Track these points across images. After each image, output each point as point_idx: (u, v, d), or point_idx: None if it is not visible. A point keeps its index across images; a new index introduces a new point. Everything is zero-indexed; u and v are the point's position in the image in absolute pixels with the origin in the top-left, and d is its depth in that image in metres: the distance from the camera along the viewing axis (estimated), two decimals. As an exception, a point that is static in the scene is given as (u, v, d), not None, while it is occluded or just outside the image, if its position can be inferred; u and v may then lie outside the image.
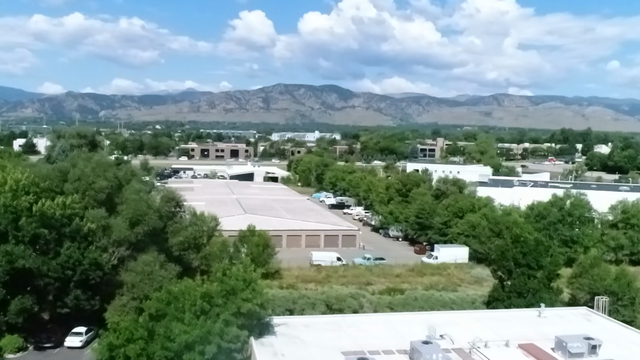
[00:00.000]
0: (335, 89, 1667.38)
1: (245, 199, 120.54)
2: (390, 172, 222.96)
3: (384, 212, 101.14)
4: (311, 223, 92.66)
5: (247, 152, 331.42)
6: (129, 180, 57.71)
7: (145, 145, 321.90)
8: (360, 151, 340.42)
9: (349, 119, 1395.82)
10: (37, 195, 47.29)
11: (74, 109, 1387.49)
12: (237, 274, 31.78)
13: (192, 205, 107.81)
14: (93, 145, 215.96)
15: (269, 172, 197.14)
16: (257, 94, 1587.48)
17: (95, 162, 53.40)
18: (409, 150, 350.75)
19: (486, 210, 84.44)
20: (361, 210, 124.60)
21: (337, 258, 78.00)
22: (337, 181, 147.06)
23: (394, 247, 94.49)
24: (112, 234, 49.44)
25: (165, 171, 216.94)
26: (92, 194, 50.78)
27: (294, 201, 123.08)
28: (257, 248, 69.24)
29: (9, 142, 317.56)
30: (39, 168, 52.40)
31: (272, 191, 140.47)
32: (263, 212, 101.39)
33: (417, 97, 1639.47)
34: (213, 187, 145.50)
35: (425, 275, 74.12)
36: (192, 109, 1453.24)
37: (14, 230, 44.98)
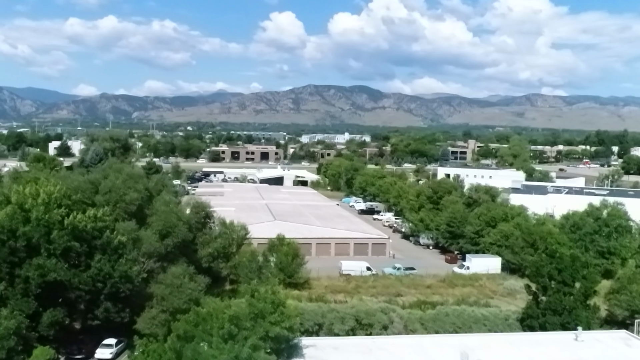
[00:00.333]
0: (365, 89, 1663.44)
1: (274, 204, 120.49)
2: (420, 175, 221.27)
3: (414, 219, 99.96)
4: (341, 231, 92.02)
5: (277, 155, 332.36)
6: (160, 191, 58.02)
7: (177, 148, 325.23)
8: (390, 154, 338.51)
9: (379, 119, 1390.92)
10: (69, 207, 47.69)
11: (107, 110, 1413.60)
12: (266, 296, 31.35)
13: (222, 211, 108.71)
14: (125, 149, 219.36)
15: (299, 175, 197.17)
16: (287, 95, 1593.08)
17: (126, 173, 53.79)
18: (440, 153, 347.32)
19: (519, 220, 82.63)
20: (391, 217, 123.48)
21: (367, 268, 77.23)
22: (367, 186, 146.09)
23: (424, 256, 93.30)
24: (142, 247, 49.62)
25: (196, 174, 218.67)
26: (122, 205, 51.12)
27: (323, 207, 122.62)
28: (286, 258, 68.95)
29: (44, 145, 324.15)
30: (71, 180, 52.93)
31: (302, 196, 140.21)
32: (292, 219, 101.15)
33: (448, 98, 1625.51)
34: (243, 191, 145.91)
35: (456, 287, 72.86)
36: (223, 110, 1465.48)
37: (46, 244, 45.39)
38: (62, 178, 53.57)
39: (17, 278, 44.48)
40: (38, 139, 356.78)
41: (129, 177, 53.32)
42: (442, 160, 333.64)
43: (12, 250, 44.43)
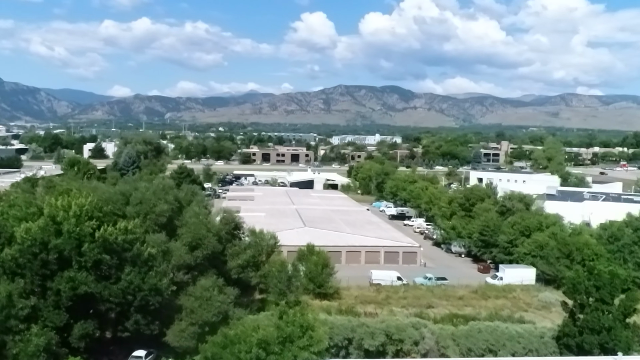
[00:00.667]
0: (396, 89, 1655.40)
1: (304, 209, 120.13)
2: (452, 179, 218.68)
3: (446, 226, 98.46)
4: (371, 238, 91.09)
5: (308, 157, 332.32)
6: (190, 201, 57.98)
7: (209, 150, 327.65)
8: (421, 156, 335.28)
9: (410, 120, 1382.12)
10: (100, 220, 47.88)
11: (141, 111, 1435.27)
12: (294, 319, 30.80)
13: (252, 217, 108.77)
14: (158, 152, 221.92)
15: (329, 179, 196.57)
16: (318, 96, 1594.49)
17: (156, 185, 53.82)
18: (472, 155, 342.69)
19: (555, 229, 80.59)
20: (422, 223, 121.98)
21: (398, 277, 76.21)
22: (397, 191, 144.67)
23: (456, 265, 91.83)
24: (172, 259, 49.58)
25: (227, 177, 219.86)
26: (153, 217, 51.17)
27: (353, 212, 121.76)
28: (316, 267, 68.43)
29: (79, 146, 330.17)
30: (102, 191, 53.21)
31: (332, 201, 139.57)
32: (322, 225, 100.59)
33: (481, 98, 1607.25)
34: (273, 195, 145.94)
35: (489, 298, 71.43)
36: (254, 111, 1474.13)
37: (77, 256, 45.61)
38: (93, 189, 53.90)
39: (49, 290, 44.81)
40: (73, 141, 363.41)
41: (159, 189, 53.31)
42: (475, 163, 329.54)
43: (44, 263, 44.77)
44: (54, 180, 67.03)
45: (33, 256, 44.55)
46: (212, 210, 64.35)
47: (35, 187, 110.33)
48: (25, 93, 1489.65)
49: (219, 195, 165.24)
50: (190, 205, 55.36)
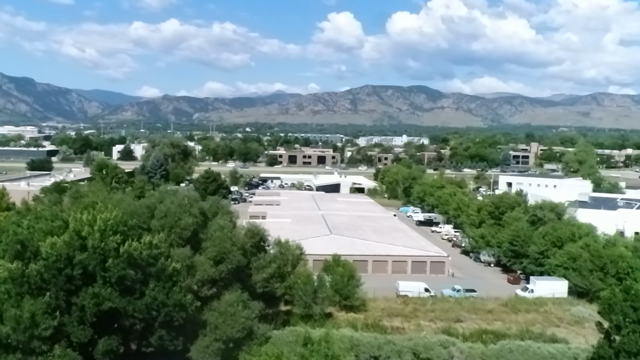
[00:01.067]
0: (423, 89, 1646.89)
1: (331, 215, 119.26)
2: (480, 182, 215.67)
3: (474, 235, 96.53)
4: (398, 247, 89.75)
5: (334, 159, 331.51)
6: (215, 213, 57.51)
7: (235, 151, 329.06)
8: (449, 158, 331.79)
9: (438, 120, 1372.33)
10: (125, 234, 47.60)
11: (169, 111, 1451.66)
12: (319, 348, 29.90)
13: (278, 222, 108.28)
14: (185, 155, 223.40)
15: (356, 182, 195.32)
16: (344, 96, 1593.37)
17: (181, 197, 53.43)
18: (501, 157, 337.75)
19: (588, 240, 78.26)
20: (450, 229, 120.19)
21: (425, 289, 74.78)
22: (425, 196, 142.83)
23: (485, 275, 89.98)
24: (197, 273, 49.13)
25: (253, 180, 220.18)
26: (177, 231, 50.79)
27: (380, 218, 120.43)
28: (342, 279, 67.47)
29: (108, 148, 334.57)
30: (127, 203, 53.03)
31: (358, 206, 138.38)
32: (348, 233, 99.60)
33: (510, 97, 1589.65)
34: (299, 200, 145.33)
35: (519, 312, 69.58)
36: (281, 111, 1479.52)
37: (102, 271, 45.36)
38: (119, 201, 53.78)
39: (74, 306, 44.64)
40: (103, 142, 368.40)
41: (185, 201, 52.94)
42: (503, 165, 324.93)
43: (68, 278, 44.59)
44: (80, 190, 67.33)
45: (58, 271, 44.42)
46: (238, 221, 63.75)
47: (63, 193, 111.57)
48: (57, 94, 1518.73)
49: (245, 199, 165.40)
50: (215, 218, 54.85)
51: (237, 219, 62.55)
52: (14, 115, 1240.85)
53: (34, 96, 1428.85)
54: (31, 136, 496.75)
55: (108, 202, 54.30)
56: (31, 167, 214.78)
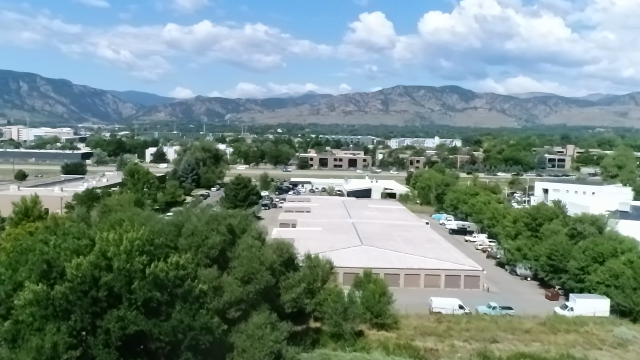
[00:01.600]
0: (456, 89, 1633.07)
1: (361, 223, 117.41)
2: (515, 187, 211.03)
3: (510, 247, 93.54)
4: (431, 260, 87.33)
5: (365, 162, 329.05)
6: (244, 230, 56.24)
7: (267, 154, 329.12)
8: (482, 161, 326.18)
9: (471, 120, 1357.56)
10: (151, 254, 46.61)
11: (202, 112, 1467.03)
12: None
13: (308, 231, 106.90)
14: (216, 159, 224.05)
15: (387, 188, 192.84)
16: (376, 96, 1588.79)
17: (209, 215, 52.25)
18: (536, 161, 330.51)
19: (631, 256, 74.78)
20: (485, 239, 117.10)
21: (459, 306, 72.34)
22: (458, 203, 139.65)
23: (521, 289, 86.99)
24: (224, 294, 47.87)
25: (284, 184, 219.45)
26: (205, 250, 49.65)
27: (412, 227, 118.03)
28: (373, 296, 65.55)
29: (142, 151, 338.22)
30: (155, 221, 52.11)
31: (390, 213, 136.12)
32: (380, 243, 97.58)
33: (544, 97, 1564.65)
34: (330, 207, 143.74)
35: (559, 332, 66.63)
36: (312, 112, 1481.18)
37: (127, 293, 44.38)
38: (147, 218, 52.91)
39: (99, 329, 43.75)
40: (136, 145, 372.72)
41: (212, 219, 51.74)
42: (539, 168, 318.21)
43: (94, 301, 43.72)
44: (109, 204, 66.82)
45: (83, 294, 43.56)
46: (266, 235, 62.37)
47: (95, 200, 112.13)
48: (92, 95, 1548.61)
49: (275, 204, 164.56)
50: (243, 236, 53.56)
51: (265, 235, 61.09)
52: (52, 116, 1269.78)
53: (70, 98, 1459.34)
54: (67, 138, 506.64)
55: (135, 219, 53.50)
56: (65, 171, 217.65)
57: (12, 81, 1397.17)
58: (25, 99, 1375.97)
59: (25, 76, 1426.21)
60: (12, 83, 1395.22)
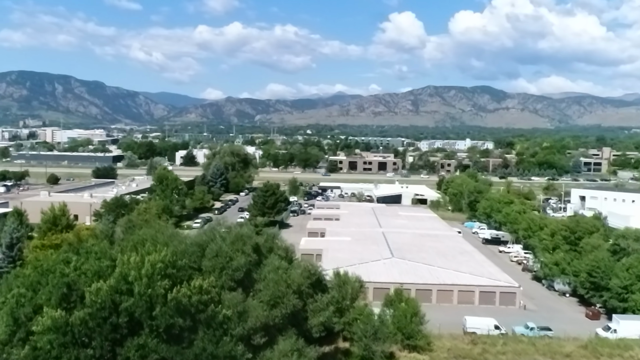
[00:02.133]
0: (487, 89, 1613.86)
1: (392, 233, 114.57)
2: (550, 193, 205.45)
3: (548, 261, 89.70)
4: (465, 275, 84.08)
5: (395, 165, 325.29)
6: (270, 249, 54.10)
7: (296, 157, 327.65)
8: (515, 165, 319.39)
9: (502, 121, 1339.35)
10: (173, 277, 44.82)
11: (232, 113, 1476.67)
12: None
13: (338, 240, 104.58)
14: (245, 163, 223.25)
15: (418, 193, 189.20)
16: (406, 97, 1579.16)
17: (234, 235, 50.20)
18: (571, 165, 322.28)
19: (679, 275, 70.68)
20: (520, 250, 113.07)
21: (495, 326, 69.09)
22: (492, 212, 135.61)
23: (560, 307, 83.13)
24: (249, 319, 45.81)
25: (313, 188, 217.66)
26: (229, 272, 47.67)
27: (444, 237, 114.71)
28: (405, 316, 62.87)
29: (172, 154, 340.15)
30: (179, 241, 50.28)
31: (421, 222, 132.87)
32: (411, 255, 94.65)
33: (578, 97, 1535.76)
34: (359, 214, 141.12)
35: (601, 357, 62.97)
36: (342, 113, 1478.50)
37: (149, 320, 42.65)
38: (170, 237, 51.13)
39: (119, 357, 42.10)
40: (167, 147, 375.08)
41: (237, 239, 49.70)
42: (574, 172, 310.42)
43: (114, 327, 42.11)
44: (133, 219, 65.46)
45: (103, 320, 41.99)
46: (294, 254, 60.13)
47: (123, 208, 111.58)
48: (125, 97, 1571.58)
49: (304, 210, 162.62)
50: (270, 256, 51.44)
51: (293, 253, 58.85)
52: (86, 117, 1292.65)
53: (104, 99, 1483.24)
54: (99, 140, 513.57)
55: (159, 237, 51.82)
56: (96, 175, 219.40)
57: (47, 83, 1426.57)
58: (60, 101, 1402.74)
59: (60, 78, 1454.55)
60: (48, 85, 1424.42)
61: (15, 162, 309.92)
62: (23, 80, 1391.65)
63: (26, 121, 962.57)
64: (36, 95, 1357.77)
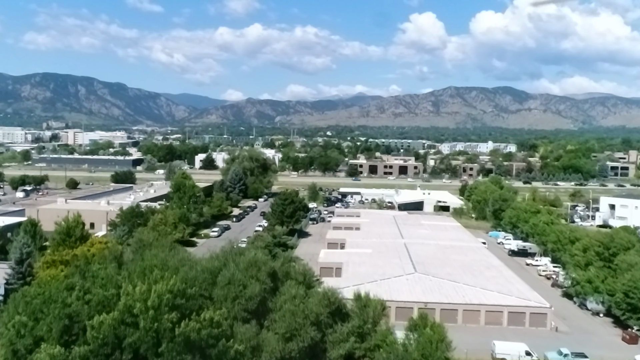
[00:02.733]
0: (509, 90, 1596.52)
1: (414, 244, 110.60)
2: (577, 200, 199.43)
3: (580, 278, 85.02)
4: (493, 294, 79.84)
5: (416, 169, 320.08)
6: (287, 274, 50.70)
7: (315, 161, 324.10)
8: (539, 169, 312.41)
9: (525, 122, 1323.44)
10: (182, 308, 41.66)
11: (252, 114, 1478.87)
12: None
13: (358, 253, 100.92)
14: (264, 168, 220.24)
15: (440, 200, 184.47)
16: (426, 98, 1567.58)
17: (247, 261, 46.87)
18: (597, 169, 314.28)
19: None
20: (549, 263, 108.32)
21: (526, 352, 64.88)
22: (518, 222, 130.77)
23: (594, 328, 78.46)
24: (262, 354, 42.47)
25: (332, 193, 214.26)
26: (242, 302, 44.38)
27: (469, 250, 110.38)
28: (430, 344, 58.94)
29: (191, 157, 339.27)
30: (189, 266, 47.12)
31: (444, 232, 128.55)
32: (435, 270, 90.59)
33: (602, 98, 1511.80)
34: (380, 223, 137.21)
35: (642, 388, 58.70)
36: (362, 114, 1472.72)
37: (154, 356, 39.56)
38: (180, 262, 47.97)
39: (122, 397, 39.05)
40: (187, 150, 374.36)
41: (251, 265, 46.40)
42: (600, 177, 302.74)
43: (117, 364, 39.08)
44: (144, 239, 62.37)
45: (105, 357, 39.07)
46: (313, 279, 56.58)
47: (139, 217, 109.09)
48: (147, 98, 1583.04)
49: (324, 218, 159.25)
50: (287, 283, 48.03)
51: (312, 278, 55.34)
52: (108, 119, 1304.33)
53: (125, 101, 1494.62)
54: (120, 142, 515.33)
55: (169, 261, 48.69)
56: (115, 180, 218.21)
57: (70, 85, 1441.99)
58: (83, 102, 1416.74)
59: (83, 80, 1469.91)
60: (71, 87, 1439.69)
61: (36, 165, 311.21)
62: (47, 82, 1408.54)
63: (49, 123, 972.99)
64: (60, 96, 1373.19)
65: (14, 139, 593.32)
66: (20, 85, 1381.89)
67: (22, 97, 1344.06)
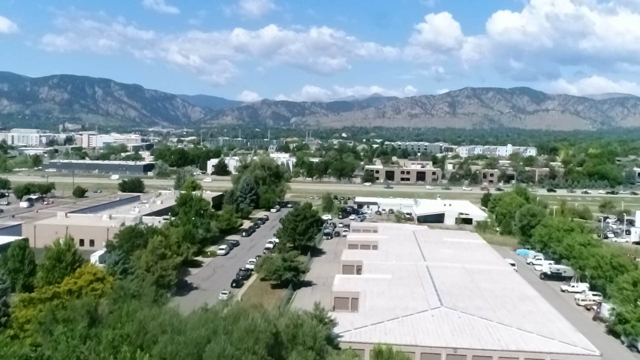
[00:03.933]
0: (526, 91, 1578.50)
1: (438, 268, 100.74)
2: (608, 212, 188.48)
3: (630, 316, 74.90)
4: (532, 336, 69.69)
5: (434, 175, 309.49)
6: (294, 337, 41.53)
7: (330, 166, 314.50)
8: (563, 175, 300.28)
9: (542, 123, 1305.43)
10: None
11: (268, 116, 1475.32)
12: None
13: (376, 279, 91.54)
14: (277, 176, 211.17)
15: (462, 212, 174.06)
16: (443, 99, 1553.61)
17: (243, 329, 37.65)
18: (624, 176, 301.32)
19: None
20: (587, 291, 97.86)
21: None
22: (550, 241, 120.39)
23: (649, 377, 68.51)
24: None
25: (348, 203, 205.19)
26: (235, 384, 35.19)
27: (498, 275, 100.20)
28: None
29: (204, 162, 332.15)
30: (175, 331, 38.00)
31: (469, 252, 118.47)
32: (464, 303, 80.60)
33: (622, 98, 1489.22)
34: (400, 241, 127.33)
35: None
36: (378, 115, 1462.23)
37: None
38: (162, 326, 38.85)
39: None
40: (199, 154, 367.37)
41: (248, 332, 37.26)
42: (628, 184, 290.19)
43: None
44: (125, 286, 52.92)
45: None
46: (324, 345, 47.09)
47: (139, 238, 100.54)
48: (163, 100, 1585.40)
49: (339, 232, 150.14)
50: (292, 353, 38.84)
51: (322, 342, 45.98)
52: (124, 120, 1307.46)
53: (142, 102, 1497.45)
54: (134, 145, 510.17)
55: (149, 327, 39.65)
56: (123, 188, 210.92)
57: (88, 86, 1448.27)
58: (100, 104, 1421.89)
59: (101, 82, 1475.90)
60: (88, 88, 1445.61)
61: (46, 170, 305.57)
62: (65, 83, 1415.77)
63: (65, 125, 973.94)
64: (77, 98, 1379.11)
65: (28, 141, 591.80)
66: (38, 87, 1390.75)
67: (40, 99, 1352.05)
